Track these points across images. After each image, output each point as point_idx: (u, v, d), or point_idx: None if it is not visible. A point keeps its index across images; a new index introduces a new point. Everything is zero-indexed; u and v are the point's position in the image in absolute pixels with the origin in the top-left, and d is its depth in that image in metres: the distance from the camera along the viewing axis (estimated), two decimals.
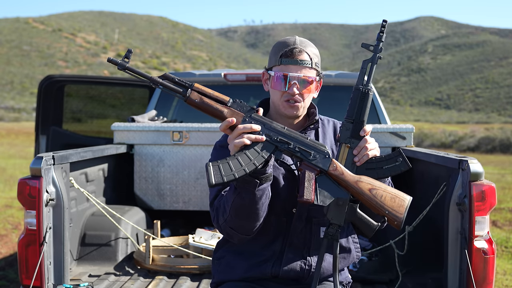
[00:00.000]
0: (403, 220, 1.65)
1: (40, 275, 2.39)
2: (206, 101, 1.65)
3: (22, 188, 2.41)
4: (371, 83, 1.81)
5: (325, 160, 1.67)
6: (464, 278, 2.38)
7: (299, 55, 1.84)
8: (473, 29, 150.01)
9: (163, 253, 3.19)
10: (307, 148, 1.66)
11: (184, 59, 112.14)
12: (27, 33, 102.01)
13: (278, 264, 1.87)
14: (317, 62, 1.89)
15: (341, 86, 4.42)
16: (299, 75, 1.83)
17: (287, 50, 1.85)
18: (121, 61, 1.65)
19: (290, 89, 1.84)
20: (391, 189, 1.69)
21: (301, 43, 1.87)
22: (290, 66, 1.84)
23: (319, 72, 1.91)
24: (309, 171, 1.65)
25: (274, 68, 1.88)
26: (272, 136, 1.63)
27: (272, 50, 1.91)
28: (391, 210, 1.65)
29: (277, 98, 1.88)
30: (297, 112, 1.88)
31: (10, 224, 6.77)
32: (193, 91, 1.66)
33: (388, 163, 1.76)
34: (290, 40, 1.89)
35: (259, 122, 1.65)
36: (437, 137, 27.13)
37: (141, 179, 3.79)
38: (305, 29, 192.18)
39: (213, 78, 4.46)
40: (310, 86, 1.87)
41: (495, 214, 7.64)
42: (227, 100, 1.67)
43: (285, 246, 1.87)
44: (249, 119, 1.64)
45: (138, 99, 5.50)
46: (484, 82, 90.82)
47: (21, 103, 55.36)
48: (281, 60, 1.85)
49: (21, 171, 12.03)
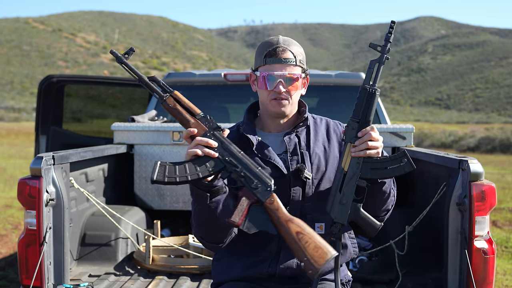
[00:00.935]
0: (318, 271, 1.64)
1: (40, 275, 2.39)
2: (178, 108, 1.73)
3: (22, 188, 2.41)
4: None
5: (265, 192, 1.69)
6: (464, 278, 2.38)
7: (283, 54, 1.88)
8: (473, 29, 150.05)
9: (163, 253, 3.19)
10: (253, 176, 1.69)
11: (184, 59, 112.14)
12: (27, 33, 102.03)
13: (274, 263, 1.88)
14: (302, 59, 1.92)
15: (341, 86, 4.42)
16: (284, 73, 1.87)
17: (271, 49, 1.89)
18: (121, 55, 1.76)
19: (276, 88, 1.87)
20: (319, 238, 1.67)
21: (284, 42, 1.91)
22: (275, 65, 1.88)
23: (304, 69, 1.94)
24: (246, 197, 1.69)
25: (259, 69, 1.92)
26: (225, 156, 1.69)
27: (257, 51, 1.95)
28: (310, 258, 1.65)
29: (264, 97, 1.92)
30: (284, 109, 1.91)
31: (10, 224, 6.77)
32: (171, 97, 1.74)
33: (392, 163, 1.76)
34: (274, 39, 1.93)
35: (218, 140, 1.70)
36: (437, 137, 27.13)
37: (141, 179, 3.79)
38: (305, 29, 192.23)
39: (213, 78, 4.46)
40: (296, 83, 1.89)
41: (495, 214, 7.65)
42: (198, 113, 1.73)
43: (281, 245, 1.88)
44: (210, 134, 1.70)
45: (138, 99, 5.50)
46: (484, 82, 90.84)
47: (21, 103, 55.36)
48: (266, 60, 1.89)
49: (21, 171, 12.03)
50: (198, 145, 1.68)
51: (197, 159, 1.67)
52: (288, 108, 1.92)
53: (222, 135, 1.71)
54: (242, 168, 1.69)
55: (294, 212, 1.80)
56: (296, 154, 1.91)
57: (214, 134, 1.71)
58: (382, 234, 3.33)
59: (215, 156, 1.67)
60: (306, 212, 1.88)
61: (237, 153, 1.70)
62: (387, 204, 1.87)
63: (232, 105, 4.86)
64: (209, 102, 4.60)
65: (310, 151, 1.92)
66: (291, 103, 1.91)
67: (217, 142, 1.69)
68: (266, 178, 1.70)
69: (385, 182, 1.80)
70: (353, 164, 1.77)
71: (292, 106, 1.93)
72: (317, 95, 4.71)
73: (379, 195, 1.83)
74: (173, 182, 1.67)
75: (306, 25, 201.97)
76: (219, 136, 1.71)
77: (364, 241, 3.62)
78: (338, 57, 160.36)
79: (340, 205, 1.73)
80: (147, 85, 1.76)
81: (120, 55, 1.76)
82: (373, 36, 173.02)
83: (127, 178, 3.87)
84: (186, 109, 1.73)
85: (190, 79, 4.45)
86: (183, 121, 1.73)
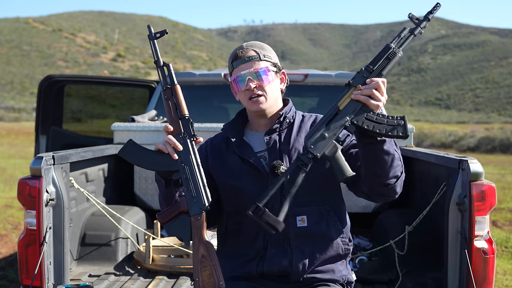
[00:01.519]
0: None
1: (40, 275, 2.39)
2: (168, 102, 1.84)
3: (22, 188, 2.41)
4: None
5: (197, 209, 1.77)
6: (464, 278, 2.38)
7: (246, 53, 1.94)
8: (473, 29, 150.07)
9: (163, 253, 3.19)
10: (195, 190, 1.78)
11: (184, 59, 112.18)
12: (27, 33, 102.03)
13: (262, 261, 1.90)
14: (267, 55, 1.96)
15: (341, 86, 4.41)
16: (250, 70, 1.92)
17: (235, 54, 1.96)
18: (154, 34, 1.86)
19: (247, 86, 1.92)
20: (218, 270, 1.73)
21: (247, 44, 1.98)
22: (241, 66, 1.94)
23: (273, 63, 1.96)
24: (181, 204, 1.78)
25: (232, 75, 1.97)
26: (184, 162, 1.80)
27: (228, 60, 2.01)
28: (200, 282, 1.73)
29: (243, 99, 1.97)
30: (262, 106, 1.93)
31: (10, 224, 6.77)
32: (169, 89, 1.85)
33: (389, 122, 1.71)
34: (238, 47, 2.00)
35: (185, 146, 1.81)
36: (437, 137, 27.15)
37: (141, 179, 3.79)
38: (305, 29, 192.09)
39: (213, 78, 4.46)
40: (265, 76, 1.93)
41: (495, 214, 7.65)
42: (183, 114, 1.83)
43: (267, 243, 1.90)
44: (181, 137, 1.82)
45: (138, 99, 5.50)
46: (484, 82, 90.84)
47: (21, 103, 55.37)
48: (233, 64, 1.96)
49: (21, 171, 12.03)
50: (167, 143, 1.79)
51: (162, 153, 1.81)
52: (266, 104, 1.94)
53: (192, 143, 1.81)
54: (190, 179, 1.79)
55: (274, 207, 1.76)
56: (274, 152, 1.93)
57: (185, 139, 1.81)
58: (382, 234, 3.34)
59: (175, 158, 1.79)
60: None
61: (193, 164, 1.79)
62: (394, 168, 1.77)
63: (232, 105, 4.85)
64: (209, 102, 4.60)
65: (290, 147, 1.93)
66: (268, 98, 1.93)
67: (183, 146, 1.80)
68: (204, 198, 1.77)
69: (385, 141, 1.74)
70: (350, 106, 1.72)
71: (271, 102, 1.95)
72: (317, 95, 4.72)
73: (381, 155, 1.74)
74: (134, 163, 1.87)
75: (306, 25, 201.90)
76: (188, 143, 1.81)
77: (364, 241, 3.62)
78: (338, 57, 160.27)
79: (321, 137, 1.71)
80: (160, 70, 1.86)
81: (154, 33, 1.86)
82: (373, 36, 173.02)
83: (127, 178, 3.87)
84: (176, 106, 1.83)
85: (190, 79, 4.45)
86: (168, 115, 1.84)
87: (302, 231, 1.89)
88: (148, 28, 1.88)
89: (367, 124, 1.71)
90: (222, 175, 1.97)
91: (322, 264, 1.91)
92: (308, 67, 28.85)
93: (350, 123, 1.73)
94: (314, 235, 1.90)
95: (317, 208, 1.91)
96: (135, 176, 3.79)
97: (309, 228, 1.89)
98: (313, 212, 1.90)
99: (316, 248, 1.90)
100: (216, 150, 2.03)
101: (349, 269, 2.01)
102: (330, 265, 1.93)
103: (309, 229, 1.89)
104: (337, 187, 1.98)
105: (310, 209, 1.89)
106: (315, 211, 1.91)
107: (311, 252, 1.89)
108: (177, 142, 1.79)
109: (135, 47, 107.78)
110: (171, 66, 1.86)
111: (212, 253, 1.75)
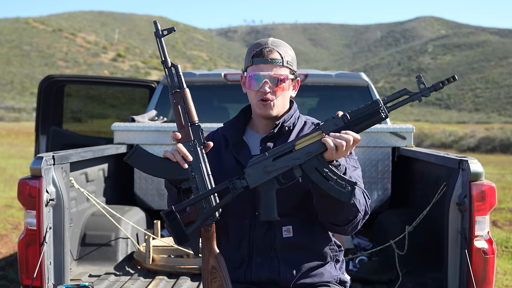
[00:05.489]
0: None
1: (40, 275, 2.39)
2: (178, 107, 1.79)
3: (22, 188, 2.41)
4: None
5: (208, 219, 1.73)
6: (464, 278, 2.38)
7: (270, 54, 1.88)
8: (473, 29, 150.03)
9: (163, 253, 3.19)
10: (205, 201, 1.74)
11: (184, 59, 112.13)
12: (27, 33, 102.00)
13: (249, 270, 1.89)
14: (290, 61, 1.91)
15: (341, 86, 4.42)
16: (270, 73, 1.87)
17: (258, 50, 1.90)
18: (161, 31, 1.80)
19: (262, 88, 1.87)
20: (227, 281, 1.74)
21: (273, 43, 1.91)
22: (261, 65, 1.88)
23: (293, 70, 1.93)
24: (191, 214, 1.74)
25: (248, 69, 1.93)
26: (194, 171, 1.74)
27: (247, 52, 1.96)
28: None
29: (252, 98, 1.93)
30: (271, 111, 1.90)
31: (10, 224, 6.77)
32: (178, 93, 1.79)
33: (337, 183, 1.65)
34: (263, 41, 1.94)
35: (196, 155, 1.76)
36: (437, 137, 27.13)
37: (141, 179, 3.79)
38: (305, 29, 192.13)
39: (213, 78, 4.46)
40: (283, 84, 1.89)
41: (495, 214, 7.64)
42: (193, 121, 1.78)
43: (253, 251, 1.88)
44: (191, 145, 1.76)
45: (138, 99, 5.51)
46: (484, 82, 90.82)
47: (21, 103, 55.34)
48: (253, 60, 1.90)
49: (21, 171, 12.02)
50: (176, 152, 1.74)
51: (169, 161, 1.75)
52: (274, 111, 1.91)
53: (202, 151, 1.76)
54: (200, 190, 1.74)
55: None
56: None
57: (195, 147, 1.76)
58: (382, 234, 3.34)
59: (185, 167, 1.74)
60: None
61: (204, 173, 1.75)
62: (345, 213, 1.75)
63: (232, 105, 4.86)
64: (209, 102, 4.61)
65: None
66: (276, 105, 1.90)
67: (193, 156, 1.74)
68: (215, 209, 1.73)
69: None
70: (306, 149, 1.67)
71: (279, 108, 1.92)
72: (317, 95, 4.72)
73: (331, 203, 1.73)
74: (142, 170, 1.81)
75: (306, 25, 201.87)
76: (199, 152, 1.76)
77: (364, 241, 3.62)
78: (338, 57, 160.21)
79: (262, 169, 1.68)
80: (168, 70, 1.79)
81: (161, 30, 1.79)
82: (373, 36, 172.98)
83: (127, 178, 3.87)
84: (186, 111, 1.77)
85: (190, 79, 4.45)
86: (177, 121, 1.79)
87: (288, 241, 1.88)
88: (154, 25, 1.81)
89: (314, 176, 1.67)
90: (215, 172, 1.93)
91: (310, 271, 1.89)
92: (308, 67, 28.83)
93: (299, 167, 1.68)
94: (300, 245, 1.89)
95: (302, 219, 1.89)
96: (135, 176, 3.79)
97: (294, 239, 1.87)
98: (298, 223, 1.88)
99: (302, 257, 1.89)
100: (215, 146, 1.98)
101: (340, 270, 1.98)
102: (319, 269, 1.91)
103: (295, 239, 1.87)
104: None
105: (295, 220, 1.88)
106: (300, 221, 1.89)
107: (297, 262, 1.88)
108: (187, 152, 1.74)
109: (135, 47, 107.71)
110: (179, 67, 1.80)
111: (222, 264, 1.74)
